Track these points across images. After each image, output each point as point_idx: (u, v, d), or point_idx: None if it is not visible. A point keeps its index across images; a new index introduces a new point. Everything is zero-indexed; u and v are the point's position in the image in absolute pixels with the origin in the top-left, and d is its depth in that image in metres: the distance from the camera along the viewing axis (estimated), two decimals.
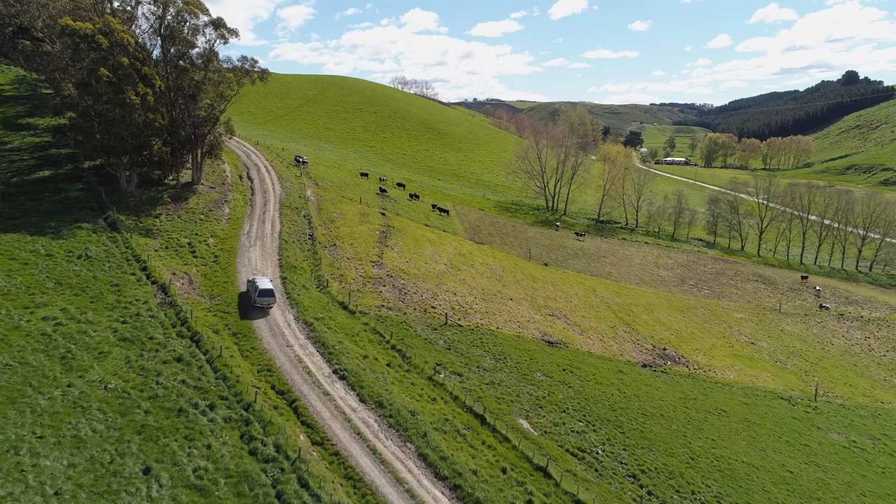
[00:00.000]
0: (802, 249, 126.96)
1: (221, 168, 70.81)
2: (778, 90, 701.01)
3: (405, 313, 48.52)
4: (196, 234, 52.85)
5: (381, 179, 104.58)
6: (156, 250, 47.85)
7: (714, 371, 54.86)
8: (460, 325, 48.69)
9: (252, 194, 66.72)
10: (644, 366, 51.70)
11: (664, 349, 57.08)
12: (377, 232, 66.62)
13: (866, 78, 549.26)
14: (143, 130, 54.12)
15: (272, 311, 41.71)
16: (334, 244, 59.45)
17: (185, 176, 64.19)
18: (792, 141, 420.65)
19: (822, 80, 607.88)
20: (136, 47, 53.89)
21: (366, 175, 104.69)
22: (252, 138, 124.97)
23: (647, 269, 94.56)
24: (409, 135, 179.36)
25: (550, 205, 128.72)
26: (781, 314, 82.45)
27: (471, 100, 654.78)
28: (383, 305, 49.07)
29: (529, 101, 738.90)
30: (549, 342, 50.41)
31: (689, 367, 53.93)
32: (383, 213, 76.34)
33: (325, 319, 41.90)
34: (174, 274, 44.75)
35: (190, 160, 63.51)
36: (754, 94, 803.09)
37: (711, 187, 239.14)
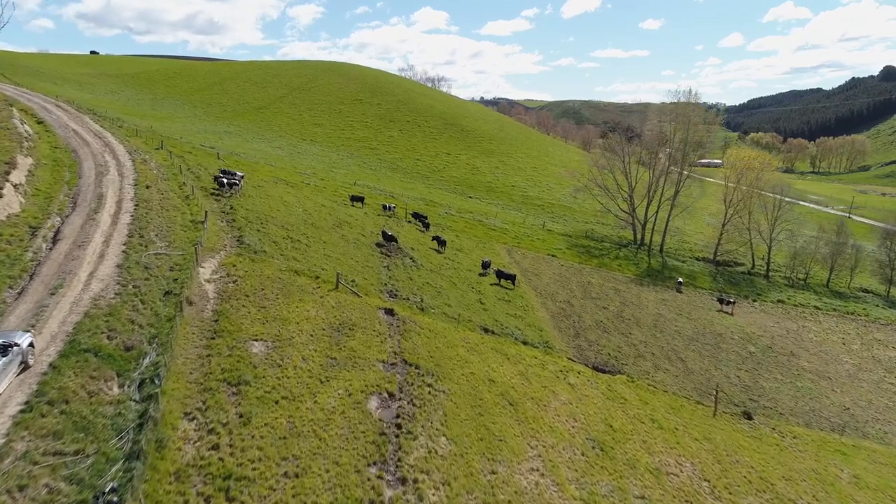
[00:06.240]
0: None
1: None
2: (790, 89, 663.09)
3: None
4: None
5: (385, 208, 60.78)
6: None
7: None
8: None
9: None
10: None
11: None
12: (373, 403, 22.68)
13: None
14: None
15: None
16: None
17: None
18: (846, 141, 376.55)
19: (853, 77, 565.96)
20: None
21: (359, 200, 60.88)
22: (189, 137, 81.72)
23: (881, 382, 50.48)
24: (423, 132, 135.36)
25: (640, 236, 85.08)
26: None
27: (478, 98, 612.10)
28: None
29: (537, 100, 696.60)
30: None
31: None
32: (391, 311, 32.58)
33: None
34: None
35: None
36: (764, 94, 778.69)
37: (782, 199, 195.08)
